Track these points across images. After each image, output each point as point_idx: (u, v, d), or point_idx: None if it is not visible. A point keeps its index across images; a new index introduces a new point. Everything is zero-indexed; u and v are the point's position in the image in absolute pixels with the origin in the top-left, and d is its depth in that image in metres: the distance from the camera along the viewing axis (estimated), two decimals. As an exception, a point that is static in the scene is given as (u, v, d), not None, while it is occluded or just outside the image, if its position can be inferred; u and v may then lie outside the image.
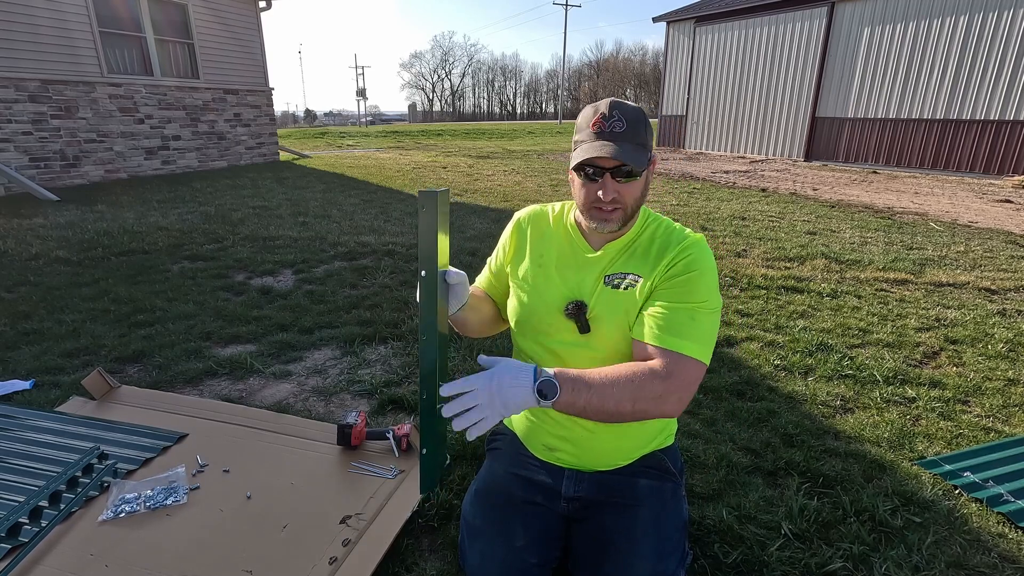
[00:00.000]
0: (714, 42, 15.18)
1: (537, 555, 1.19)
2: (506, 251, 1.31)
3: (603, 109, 1.07)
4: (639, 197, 1.12)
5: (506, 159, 13.16)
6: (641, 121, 1.08)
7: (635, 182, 1.09)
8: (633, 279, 1.14)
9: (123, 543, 1.47)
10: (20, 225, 5.49)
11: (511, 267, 1.29)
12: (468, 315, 1.21)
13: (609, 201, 1.08)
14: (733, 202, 7.32)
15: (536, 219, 1.29)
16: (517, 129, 28.16)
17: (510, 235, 1.31)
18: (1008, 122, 10.09)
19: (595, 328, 1.15)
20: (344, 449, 1.87)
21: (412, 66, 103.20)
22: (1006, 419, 2.23)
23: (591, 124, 1.08)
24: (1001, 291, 3.80)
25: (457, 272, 1.10)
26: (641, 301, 1.13)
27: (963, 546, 1.56)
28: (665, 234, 1.18)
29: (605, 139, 1.06)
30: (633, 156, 1.05)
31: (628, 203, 1.11)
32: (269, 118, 11.78)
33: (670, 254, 1.13)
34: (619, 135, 1.05)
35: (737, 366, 2.65)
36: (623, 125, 1.06)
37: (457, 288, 1.12)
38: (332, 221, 5.83)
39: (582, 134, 1.10)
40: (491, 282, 1.35)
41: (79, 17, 8.03)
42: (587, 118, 1.09)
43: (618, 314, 1.14)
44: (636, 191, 1.11)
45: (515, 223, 1.31)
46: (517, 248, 1.29)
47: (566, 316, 1.16)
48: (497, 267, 1.34)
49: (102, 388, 2.23)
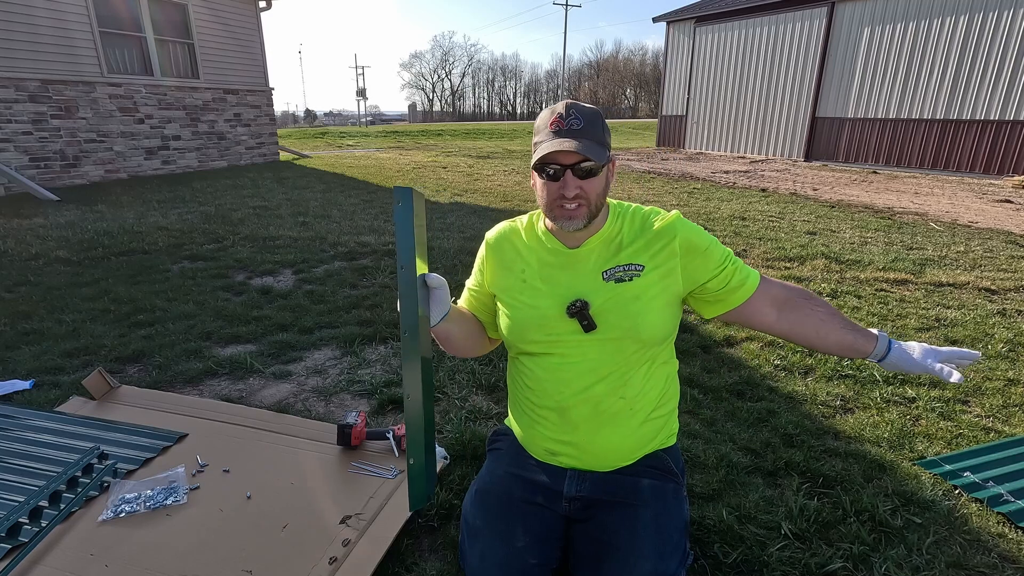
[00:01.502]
0: (714, 42, 15.18)
1: (537, 555, 1.19)
2: (483, 273, 1.31)
3: (560, 110, 1.10)
4: (601, 193, 1.14)
5: (506, 159, 13.16)
6: (598, 121, 1.11)
7: (596, 178, 1.11)
8: (636, 269, 1.16)
9: (123, 543, 1.47)
10: (20, 225, 5.50)
11: (494, 288, 1.28)
12: (452, 327, 1.21)
13: (572, 197, 1.10)
14: (733, 202, 7.32)
15: (507, 236, 1.28)
16: (517, 129, 28.15)
17: (484, 257, 1.30)
18: (1008, 122, 10.09)
19: (601, 323, 1.15)
20: (344, 449, 1.87)
21: (412, 66, 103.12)
22: (1006, 419, 2.23)
23: (549, 124, 1.10)
24: (1001, 291, 3.80)
25: (437, 276, 1.11)
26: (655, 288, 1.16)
27: (963, 546, 1.56)
28: (643, 220, 1.21)
29: (564, 136, 1.08)
30: (593, 150, 1.07)
31: (592, 198, 1.12)
32: (269, 118, 11.78)
33: (663, 239, 1.17)
34: (577, 132, 1.08)
35: (737, 366, 2.65)
36: (580, 123, 1.08)
37: (438, 293, 1.12)
38: (332, 221, 5.83)
39: (541, 135, 1.12)
40: (471, 302, 1.35)
41: (79, 17, 8.03)
42: (545, 119, 1.12)
43: (625, 305, 1.15)
44: (598, 186, 1.12)
45: (486, 245, 1.31)
46: (495, 268, 1.28)
47: (569, 316, 1.16)
48: (477, 286, 1.33)
49: (102, 388, 2.23)
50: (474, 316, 1.35)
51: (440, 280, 1.12)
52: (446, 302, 1.14)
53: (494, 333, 1.35)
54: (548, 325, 1.18)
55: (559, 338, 1.19)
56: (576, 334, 1.17)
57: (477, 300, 1.34)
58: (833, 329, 1.21)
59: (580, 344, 1.18)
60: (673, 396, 1.32)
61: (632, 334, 1.16)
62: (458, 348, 1.29)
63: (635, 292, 1.16)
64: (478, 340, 1.35)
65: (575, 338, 1.17)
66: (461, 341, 1.28)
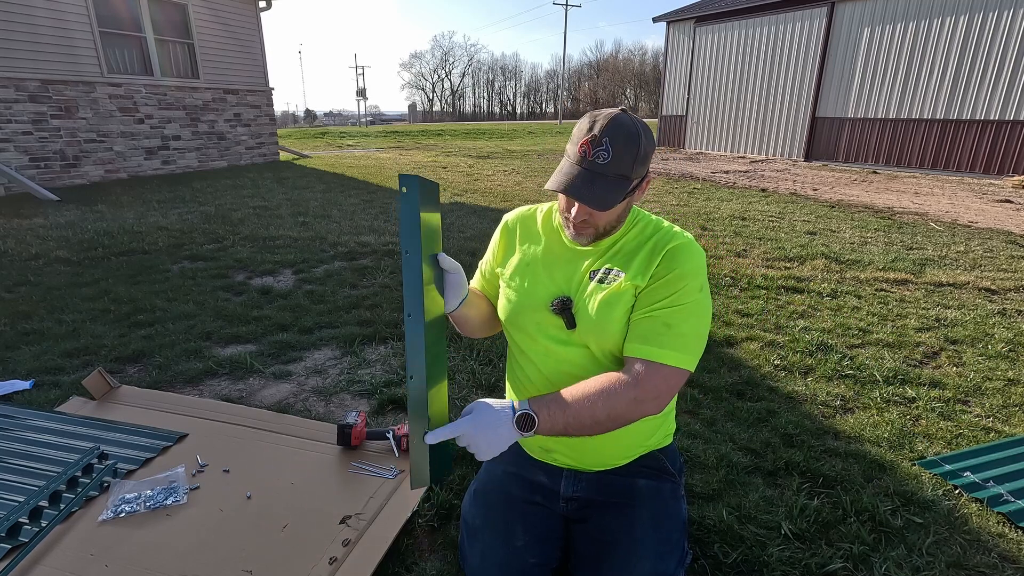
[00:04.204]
0: (714, 42, 15.18)
1: (537, 555, 1.19)
2: (495, 254, 1.31)
3: (596, 131, 1.01)
4: (614, 220, 1.12)
5: (506, 159, 13.16)
6: (632, 148, 1.01)
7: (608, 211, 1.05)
8: (616, 273, 1.13)
9: (123, 543, 1.47)
10: (20, 225, 5.49)
11: (501, 268, 1.29)
12: (468, 312, 1.21)
13: (579, 222, 1.09)
14: (733, 202, 7.32)
15: (524, 220, 1.29)
16: (517, 129, 28.16)
17: (499, 237, 1.31)
18: (1008, 122, 10.09)
19: (580, 323, 1.14)
20: (344, 449, 1.87)
21: (412, 66, 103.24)
22: (1006, 419, 2.23)
23: (579, 144, 1.03)
24: (1001, 291, 3.80)
25: (452, 260, 1.09)
26: (626, 299, 1.11)
27: (963, 546, 1.56)
28: (654, 234, 1.16)
29: (584, 167, 1.02)
30: (600, 197, 1.01)
31: (600, 225, 1.11)
32: (269, 118, 11.77)
33: (658, 257, 1.11)
34: (601, 167, 1.01)
35: (737, 366, 2.65)
36: (607, 156, 1.00)
37: (454, 277, 1.11)
38: (332, 221, 5.83)
39: (570, 148, 1.06)
40: (483, 285, 1.35)
41: (79, 17, 8.03)
42: (580, 133, 1.04)
43: (601, 307, 1.12)
44: (610, 216, 1.10)
45: (503, 225, 1.31)
46: (506, 249, 1.29)
47: (552, 312, 1.16)
48: (488, 269, 1.33)
49: (102, 388, 2.23)
50: (485, 298, 1.35)
51: (455, 264, 1.10)
52: (462, 286, 1.13)
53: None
54: (538, 314, 1.18)
55: (546, 331, 1.18)
56: (561, 330, 1.16)
57: (489, 283, 1.34)
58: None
59: (568, 339, 1.16)
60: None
61: (598, 339, 1.13)
62: (474, 330, 1.30)
63: (608, 296, 1.12)
64: (492, 322, 1.34)
65: (563, 334, 1.16)
66: (477, 323, 1.28)
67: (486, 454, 1.02)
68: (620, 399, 1.02)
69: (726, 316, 3.28)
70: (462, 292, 1.13)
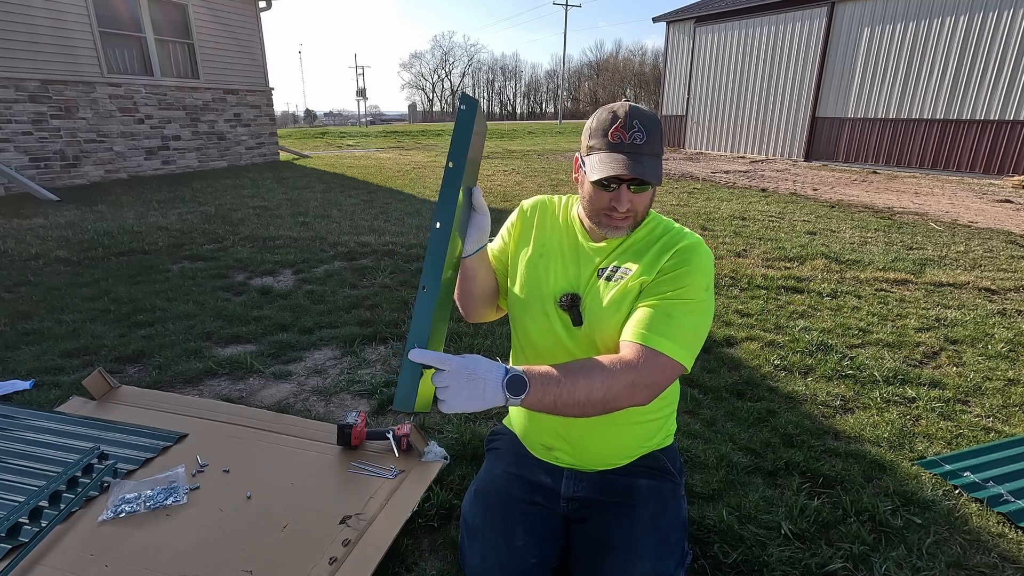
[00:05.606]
0: (714, 42, 15.18)
1: (537, 555, 1.19)
2: (510, 236, 1.29)
3: (622, 116, 1.03)
4: (648, 205, 1.13)
5: (506, 159, 13.16)
6: (658, 130, 1.05)
7: (647, 192, 1.09)
8: (624, 271, 1.13)
9: (123, 543, 1.47)
10: (20, 225, 5.49)
11: (513, 255, 1.27)
12: (478, 268, 1.17)
13: (624, 212, 1.08)
14: (733, 202, 7.32)
15: (542, 209, 1.27)
16: (517, 129, 28.13)
17: (515, 222, 1.29)
18: (1008, 122, 10.09)
19: (587, 320, 1.14)
20: (344, 449, 1.87)
21: (412, 66, 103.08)
22: (1006, 419, 2.23)
23: (610, 132, 1.03)
24: (1001, 291, 3.80)
25: (483, 199, 1.09)
26: (632, 296, 1.11)
27: (963, 546, 1.56)
28: (664, 234, 1.16)
29: (626, 152, 1.03)
30: (654, 172, 1.03)
31: (640, 212, 1.12)
32: (269, 118, 11.78)
33: (667, 254, 1.11)
34: (641, 147, 1.03)
35: (737, 366, 2.65)
36: (643, 136, 1.03)
37: (481, 219, 1.10)
38: (332, 221, 5.83)
39: (597, 140, 1.06)
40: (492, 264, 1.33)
41: (79, 17, 8.03)
42: (604, 124, 1.05)
43: (608, 305, 1.12)
44: (647, 200, 1.11)
45: (520, 211, 1.29)
46: (521, 235, 1.27)
47: (560, 308, 1.16)
48: (500, 249, 1.31)
49: (102, 388, 2.23)
50: (493, 273, 1.31)
51: (484, 206, 1.09)
52: (486, 232, 1.12)
53: (504, 302, 1.32)
54: (547, 306, 1.18)
55: (553, 324, 1.18)
56: (567, 327, 1.17)
57: (498, 263, 1.31)
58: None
59: (574, 334, 1.16)
60: (672, 398, 1.32)
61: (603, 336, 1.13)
62: (471, 297, 1.23)
63: (615, 295, 1.12)
64: (491, 299, 1.29)
65: (569, 329, 1.17)
66: (478, 291, 1.22)
67: (454, 405, 0.88)
68: (618, 380, 0.98)
69: (726, 316, 3.28)
70: (484, 238, 1.12)
